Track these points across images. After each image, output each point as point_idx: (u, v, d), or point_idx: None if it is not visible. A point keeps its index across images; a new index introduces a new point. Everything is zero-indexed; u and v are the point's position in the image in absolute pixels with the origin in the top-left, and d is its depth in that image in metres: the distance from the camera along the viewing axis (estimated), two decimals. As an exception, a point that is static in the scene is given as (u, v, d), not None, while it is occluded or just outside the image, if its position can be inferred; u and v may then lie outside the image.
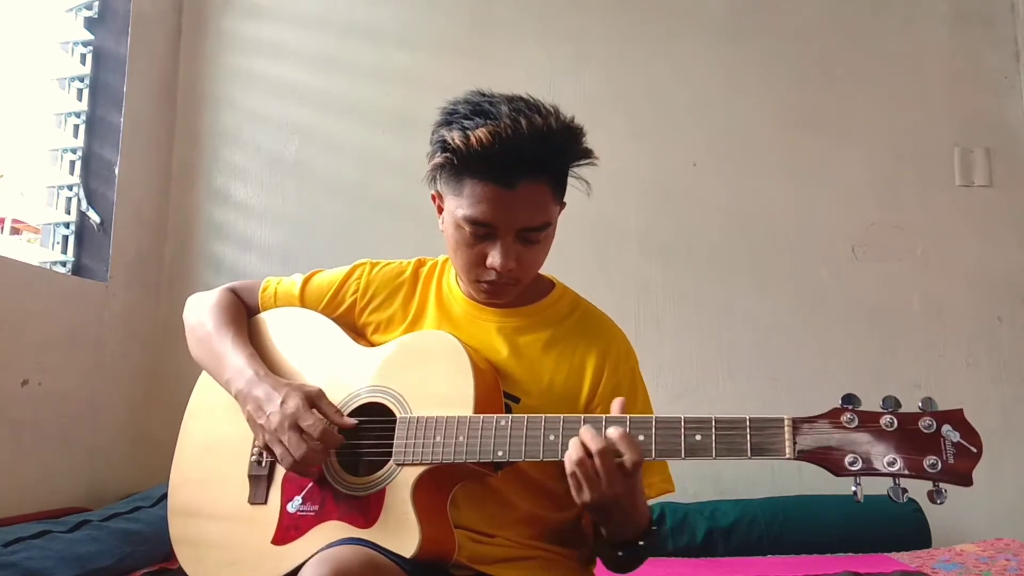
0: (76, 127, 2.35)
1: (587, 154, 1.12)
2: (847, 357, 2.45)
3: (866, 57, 2.65)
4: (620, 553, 1.06)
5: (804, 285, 2.54)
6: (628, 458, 0.95)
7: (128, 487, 2.25)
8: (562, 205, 1.17)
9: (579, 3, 2.72)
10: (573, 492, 0.99)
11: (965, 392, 2.43)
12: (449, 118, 1.09)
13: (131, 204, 2.40)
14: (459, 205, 1.09)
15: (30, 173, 2.35)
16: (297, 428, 1.07)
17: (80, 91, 2.37)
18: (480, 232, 1.10)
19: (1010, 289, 2.52)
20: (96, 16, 2.39)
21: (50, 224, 2.32)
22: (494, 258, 1.10)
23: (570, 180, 1.15)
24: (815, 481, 2.33)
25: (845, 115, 2.63)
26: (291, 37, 2.71)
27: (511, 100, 1.09)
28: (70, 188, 2.33)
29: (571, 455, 0.97)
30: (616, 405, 1.02)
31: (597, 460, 0.95)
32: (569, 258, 2.46)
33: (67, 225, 2.32)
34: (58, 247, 2.31)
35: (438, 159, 1.09)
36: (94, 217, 2.32)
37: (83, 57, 2.38)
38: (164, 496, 1.90)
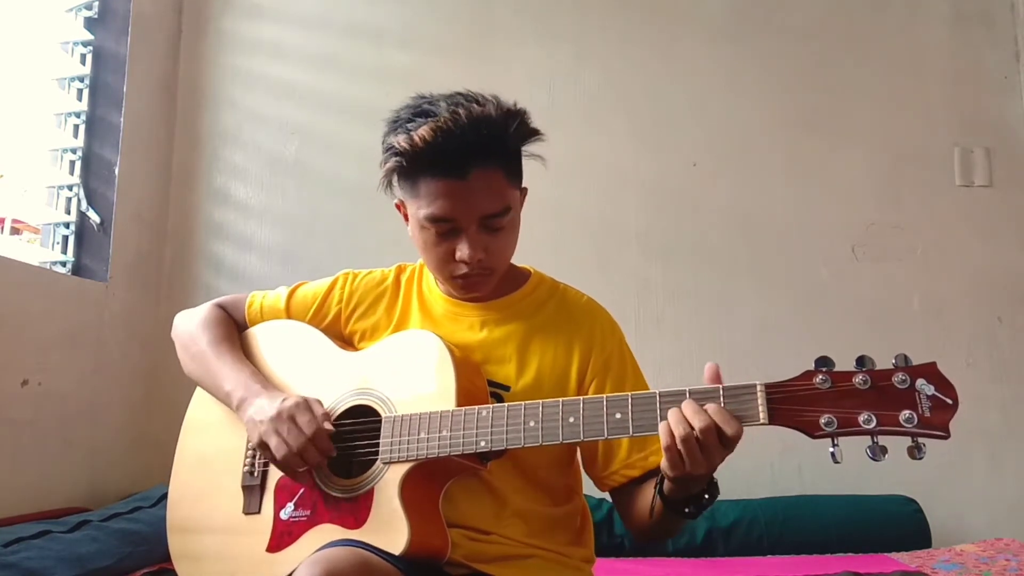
0: (76, 127, 2.36)
1: (532, 133, 1.13)
2: (847, 357, 2.44)
3: (866, 57, 2.65)
4: (687, 509, 1.05)
5: (804, 285, 2.54)
6: (729, 430, 0.93)
7: (128, 487, 2.25)
8: (523, 190, 1.19)
9: (579, 3, 2.72)
10: (667, 466, 0.97)
11: (965, 392, 2.41)
12: (393, 125, 1.13)
13: (131, 204, 2.40)
14: (419, 206, 1.12)
15: (30, 173, 2.36)
16: (293, 420, 1.09)
17: (80, 91, 2.37)
18: (443, 228, 1.12)
19: (1010, 289, 2.52)
20: (96, 16, 2.39)
21: (50, 224, 2.32)
22: (462, 251, 1.11)
23: (529, 159, 1.17)
24: (815, 481, 2.34)
25: (845, 115, 2.63)
26: (291, 37, 2.71)
27: (449, 96, 1.11)
28: (70, 188, 2.33)
29: (675, 431, 0.94)
30: (709, 371, 1.00)
31: (701, 437, 0.94)
32: (569, 258, 2.48)
33: (67, 225, 2.32)
34: (58, 247, 2.31)
35: (389, 164, 1.12)
36: (94, 217, 2.32)
37: (83, 57, 2.38)
38: (164, 496, 1.90)
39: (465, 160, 1.07)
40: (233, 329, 1.32)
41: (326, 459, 1.12)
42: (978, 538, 2.17)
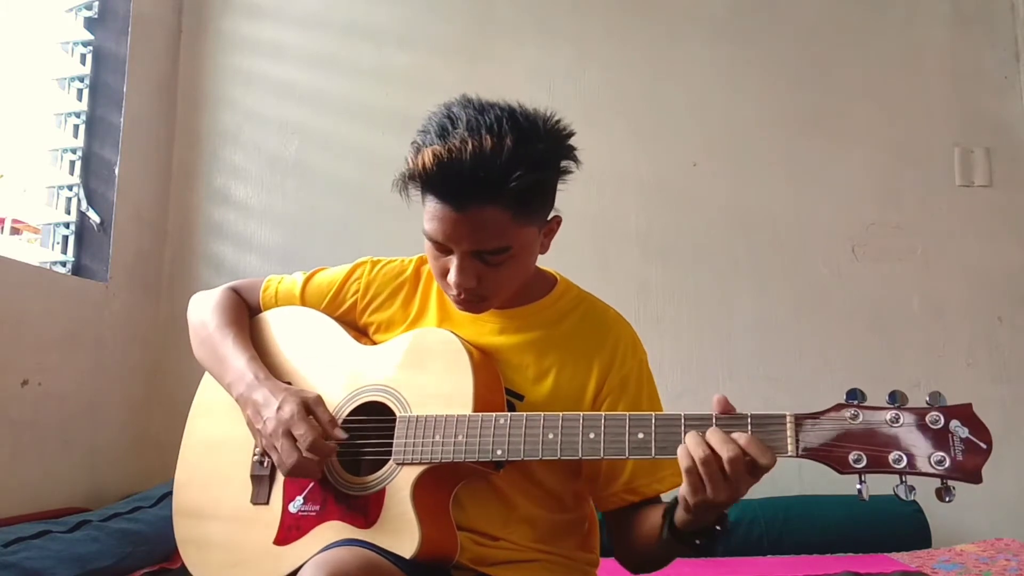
0: (76, 127, 2.35)
1: (544, 180, 1.06)
2: (847, 357, 2.45)
3: (866, 57, 2.65)
4: (698, 541, 1.02)
5: (804, 285, 2.54)
6: (764, 460, 0.90)
7: (128, 487, 2.25)
8: (545, 224, 1.13)
9: (579, 3, 2.72)
10: (687, 491, 0.93)
11: (965, 392, 2.39)
12: (422, 127, 1.08)
13: (131, 204, 2.40)
14: (424, 218, 1.08)
15: (30, 173, 2.35)
16: (290, 435, 1.06)
17: (80, 91, 2.37)
18: (439, 247, 1.09)
19: (1010, 289, 2.52)
20: (96, 16, 2.39)
21: (50, 224, 2.32)
22: (451, 275, 1.08)
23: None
24: (815, 481, 2.33)
25: (845, 115, 2.63)
26: (291, 37, 2.71)
27: (479, 113, 1.04)
28: (70, 188, 2.33)
29: (695, 454, 0.91)
30: (716, 402, 0.96)
31: (728, 466, 0.90)
32: (569, 258, 2.45)
33: (67, 225, 2.32)
34: (58, 247, 2.31)
35: (402, 171, 1.08)
36: (94, 217, 2.32)
37: (83, 57, 2.38)
38: (164, 496, 1.90)
39: (463, 195, 1.02)
40: (244, 314, 1.29)
41: (335, 455, 1.10)
42: (978, 538, 2.17)
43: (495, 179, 1.00)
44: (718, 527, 1.00)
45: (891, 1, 2.69)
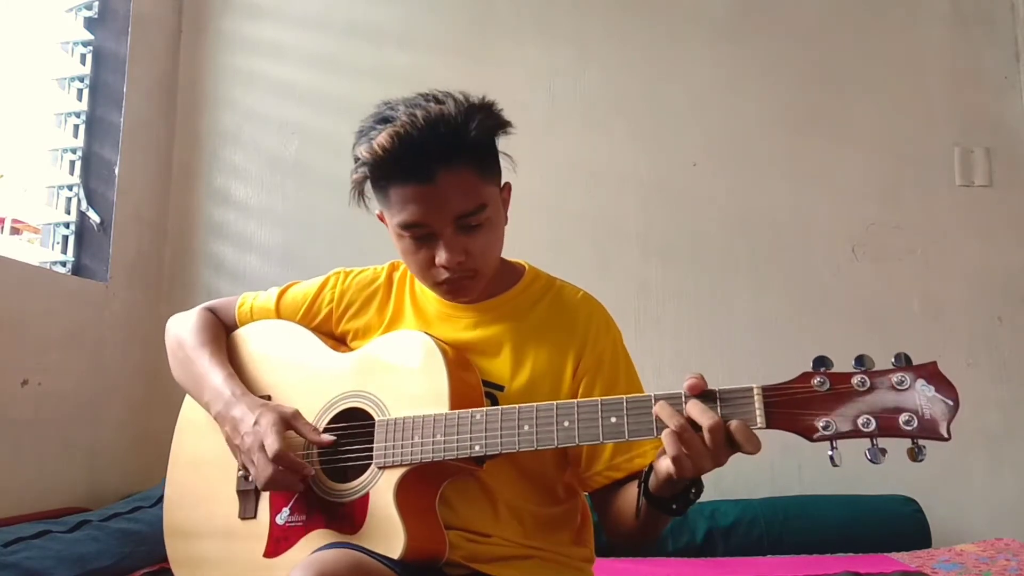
0: (76, 127, 2.36)
1: (497, 126, 1.10)
2: (847, 357, 2.44)
3: (866, 57, 2.65)
4: (674, 506, 1.02)
5: (804, 285, 2.54)
6: (746, 444, 0.91)
7: (128, 487, 2.25)
8: (504, 187, 1.16)
9: (579, 4, 2.72)
10: (669, 463, 0.93)
11: (965, 392, 2.41)
12: (359, 135, 1.11)
13: (131, 204, 2.40)
14: (392, 214, 1.10)
15: (30, 173, 2.36)
16: (263, 449, 1.07)
17: (80, 91, 2.37)
18: (419, 234, 1.10)
19: (1010, 289, 2.52)
20: (96, 16, 2.39)
21: (50, 224, 2.33)
22: (440, 256, 1.09)
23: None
24: (815, 481, 2.34)
25: (845, 115, 2.63)
26: (291, 37, 2.71)
27: (410, 99, 1.09)
28: (70, 188, 2.33)
29: (671, 423, 0.92)
30: (688, 382, 0.96)
31: (708, 435, 0.91)
32: (569, 258, 2.48)
33: (67, 225, 2.32)
34: (58, 247, 2.31)
35: (356, 176, 1.10)
36: (94, 217, 2.32)
37: (83, 57, 2.39)
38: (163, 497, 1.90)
39: (428, 163, 1.04)
40: (220, 332, 1.30)
41: (307, 478, 1.10)
42: (978, 538, 2.17)
43: (456, 131, 1.04)
44: (693, 490, 1.00)
45: (891, 1, 2.68)
